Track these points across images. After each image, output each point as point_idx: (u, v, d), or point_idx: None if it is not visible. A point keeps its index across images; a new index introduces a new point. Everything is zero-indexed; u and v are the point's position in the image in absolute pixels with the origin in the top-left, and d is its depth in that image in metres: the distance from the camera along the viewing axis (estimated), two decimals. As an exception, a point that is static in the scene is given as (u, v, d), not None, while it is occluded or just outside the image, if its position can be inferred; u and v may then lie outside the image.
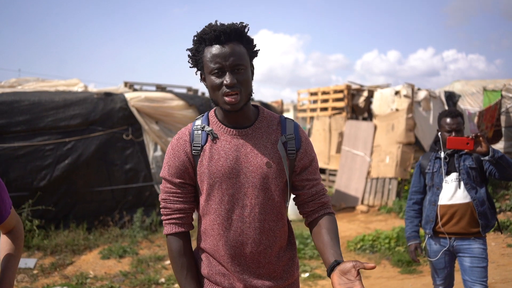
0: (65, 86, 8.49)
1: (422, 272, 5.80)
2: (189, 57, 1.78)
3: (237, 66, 1.67)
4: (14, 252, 1.94)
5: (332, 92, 11.42)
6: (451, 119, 3.31)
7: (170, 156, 1.79)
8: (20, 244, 1.97)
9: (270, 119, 1.83)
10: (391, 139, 9.81)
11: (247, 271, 1.75)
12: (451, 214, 3.29)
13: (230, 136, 1.76)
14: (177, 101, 8.16)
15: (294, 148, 1.79)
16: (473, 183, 3.29)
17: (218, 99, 1.70)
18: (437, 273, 3.42)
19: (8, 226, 1.96)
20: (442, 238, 3.35)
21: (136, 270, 5.97)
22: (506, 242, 6.77)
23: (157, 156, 7.92)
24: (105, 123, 7.53)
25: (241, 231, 1.73)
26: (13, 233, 1.97)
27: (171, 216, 1.79)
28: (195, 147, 1.75)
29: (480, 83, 13.10)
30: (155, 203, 7.86)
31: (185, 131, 1.80)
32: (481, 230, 3.23)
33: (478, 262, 3.22)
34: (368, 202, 9.85)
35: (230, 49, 1.67)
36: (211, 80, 1.69)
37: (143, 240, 7.14)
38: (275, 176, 1.75)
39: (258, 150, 1.75)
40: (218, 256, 1.76)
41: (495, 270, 5.62)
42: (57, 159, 7.03)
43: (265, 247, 1.76)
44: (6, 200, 1.88)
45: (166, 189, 1.79)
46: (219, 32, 1.67)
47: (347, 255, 6.61)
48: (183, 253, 1.78)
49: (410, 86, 10.05)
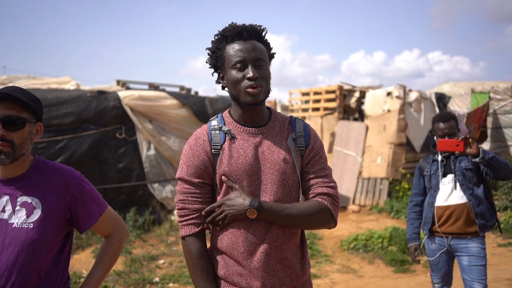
0: (57, 84, 8.42)
1: (416, 272, 5.86)
2: (209, 55, 1.81)
3: (259, 61, 1.73)
4: (104, 260, 1.91)
5: (324, 92, 11.46)
6: (443, 123, 3.39)
7: (188, 156, 1.78)
8: (114, 252, 1.94)
9: (282, 119, 1.88)
10: (383, 139, 9.89)
11: (265, 268, 1.75)
12: (448, 215, 3.35)
13: (247, 135, 1.79)
14: (170, 100, 8.14)
15: (303, 144, 1.84)
16: (469, 184, 3.33)
17: (240, 93, 1.73)
18: (435, 272, 3.48)
19: (102, 232, 1.93)
20: (439, 237, 3.41)
21: (130, 269, 5.95)
22: (496, 242, 6.86)
23: (150, 155, 7.89)
24: (98, 122, 7.49)
25: (260, 227, 1.75)
26: (109, 240, 1.94)
27: (189, 217, 1.78)
28: (215, 146, 1.76)
29: (468, 84, 13.24)
30: (148, 202, 7.83)
31: (202, 131, 1.81)
32: (479, 230, 3.27)
33: (476, 260, 3.25)
34: (359, 202, 9.91)
35: (252, 45, 1.74)
36: (233, 75, 1.73)
37: (136, 240, 7.12)
38: (292, 172, 1.79)
39: (274, 148, 1.78)
40: (236, 254, 1.75)
41: (487, 269, 5.69)
42: (49, 158, 6.95)
43: (282, 243, 1.77)
44: (93, 207, 1.82)
45: (184, 189, 1.78)
46: (242, 29, 1.73)
47: (341, 254, 6.66)
48: (202, 255, 1.77)
49: (402, 87, 10.13)
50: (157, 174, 7.97)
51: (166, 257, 6.51)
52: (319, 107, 11.49)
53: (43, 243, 1.68)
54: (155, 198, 7.90)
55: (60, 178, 1.76)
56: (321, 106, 11.42)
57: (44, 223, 1.69)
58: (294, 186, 1.81)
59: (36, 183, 1.73)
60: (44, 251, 1.69)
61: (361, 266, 6.20)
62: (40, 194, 1.72)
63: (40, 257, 1.68)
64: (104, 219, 1.88)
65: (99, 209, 1.85)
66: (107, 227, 1.92)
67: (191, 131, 8.33)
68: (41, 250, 1.68)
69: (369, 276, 5.83)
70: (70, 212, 1.77)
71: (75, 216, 1.78)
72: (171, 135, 8.08)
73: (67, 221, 1.77)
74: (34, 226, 1.67)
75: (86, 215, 1.80)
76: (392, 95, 9.99)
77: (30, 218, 1.68)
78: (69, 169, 1.81)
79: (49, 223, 1.70)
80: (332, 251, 6.78)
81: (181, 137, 8.21)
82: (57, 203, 1.73)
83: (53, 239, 1.72)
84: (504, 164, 3.17)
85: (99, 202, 1.86)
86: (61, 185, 1.75)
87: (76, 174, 1.81)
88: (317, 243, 7.11)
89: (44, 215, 1.70)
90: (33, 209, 1.69)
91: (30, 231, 1.67)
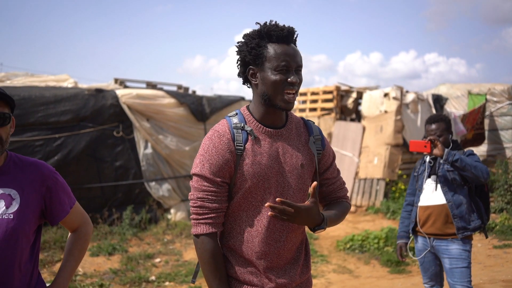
0: (55, 81, 8.40)
1: (411, 272, 5.89)
2: (245, 50, 1.78)
3: (300, 67, 1.77)
4: (74, 253, 1.95)
5: (321, 92, 11.48)
6: (430, 125, 3.44)
7: (212, 154, 1.74)
8: (82, 245, 1.98)
9: (297, 120, 1.91)
10: (380, 140, 9.91)
11: (276, 268, 1.79)
12: (427, 216, 3.39)
13: (267, 136, 1.80)
14: (168, 99, 8.14)
15: (321, 147, 1.89)
16: (450, 185, 3.35)
17: (277, 95, 1.74)
18: (423, 272, 3.53)
19: (71, 226, 1.97)
20: (422, 237, 3.46)
21: (126, 268, 5.95)
22: (492, 243, 6.89)
23: (148, 154, 7.89)
24: (95, 120, 7.48)
25: (276, 229, 1.78)
26: (77, 233, 1.98)
27: (207, 215, 1.75)
28: (238, 146, 1.75)
29: (465, 86, 13.29)
30: (145, 201, 7.83)
31: (224, 129, 1.78)
32: (457, 231, 3.27)
33: (457, 263, 3.26)
34: (356, 202, 9.94)
35: (295, 50, 1.77)
36: (273, 76, 1.73)
37: (132, 238, 7.12)
38: (308, 177, 1.85)
39: (293, 151, 1.82)
40: (251, 253, 1.77)
41: (482, 271, 5.73)
42: (46, 155, 6.96)
43: (292, 244, 1.82)
44: (65, 200, 1.88)
45: (204, 187, 1.74)
46: (288, 32, 1.74)
47: (337, 254, 6.68)
48: (217, 254, 1.76)
49: (399, 88, 10.17)
50: (154, 172, 7.97)
51: (163, 256, 6.52)
52: (316, 107, 11.51)
53: (23, 233, 1.73)
54: (151, 197, 7.90)
55: (36, 171, 1.81)
56: (318, 107, 11.44)
57: (23, 213, 1.74)
58: (307, 191, 1.86)
59: (13, 176, 1.78)
60: (24, 241, 1.75)
61: (357, 266, 6.23)
62: (17, 186, 1.77)
63: (20, 247, 1.73)
64: (74, 212, 1.93)
65: (70, 202, 1.91)
66: (75, 221, 1.96)
67: (189, 130, 8.34)
68: (22, 240, 1.73)
69: (365, 277, 5.85)
70: (45, 204, 1.82)
71: (49, 207, 1.83)
72: (168, 134, 8.08)
73: (41, 213, 1.82)
74: (14, 217, 1.72)
75: (59, 207, 1.85)
76: (389, 96, 10.03)
77: (10, 209, 1.73)
78: (43, 163, 1.87)
79: (28, 214, 1.76)
80: (328, 251, 6.80)
81: (178, 136, 8.21)
82: (34, 195, 1.78)
83: (30, 230, 1.77)
84: (472, 167, 3.16)
85: (70, 196, 1.92)
86: (37, 177, 1.80)
87: (50, 167, 1.87)
88: (313, 243, 7.13)
89: (22, 206, 1.75)
90: (11, 200, 1.74)
91: (10, 221, 1.71)
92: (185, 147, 8.21)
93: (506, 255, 6.38)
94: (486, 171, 3.19)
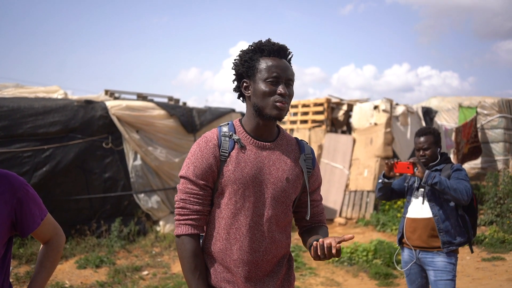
0: (45, 93, 8.38)
1: (400, 285, 5.87)
2: (239, 63, 1.88)
3: (290, 80, 1.84)
4: (46, 265, 1.92)
5: (312, 105, 11.53)
6: (419, 138, 3.49)
7: (197, 158, 1.83)
8: (54, 256, 1.96)
9: (289, 138, 1.98)
10: (370, 152, 9.95)
11: (254, 278, 1.81)
12: (414, 228, 3.42)
13: (255, 147, 1.86)
14: (158, 111, 8.13)
15: (311, 166, 1.96)
16: (437, 200, 3.37)
17: (267, 105, 1.81)
18: (409, 284, 3.55)
19: (42, 238, 1.95)
20: (408, 249, 3.48)
21: (113, 281, 5.89)
22: (480, 256, 6.90)
23: (137, 165, 7.86)
24: (85, 131, 7.45)
25: (255, 238, 1.81)
26: (49, 245, 1.96)
27: (188, 216, 1.82)
28: (223, 152, 1.82)
29: (455, 99, 13.41)
30: (134, 213, 7.78)
31: (213, 136, 1.86)
32: (442, 245, 3.29)
33: (442, 275, 3.27)
34: (346, 214, 9.94)
35: (286, 64, 1.85)
36: (263, 87, 1.81)
37: (120, 250, 7.06)
38: (292, 192, 1.89)
39: (279, 164, 1.87)
40: (229, 260, 1.81)
41: (470, 283, 5.73)
42: (34, 166, 6.92)
43: (272, 257, 1.85)
44: (36, 212, 1.85)
45: (187, 189, 1.82)
46: (279, 48, 1.85)
47: (325, 267, 6.65)
48: (197, 253, 1.81)
49: (389, 101, 10.23)
50: (143, 184, 7.94)
51: (150, 268, 6.47)
52: (307, 120, 11.55)
53: None
54: (140, 209, 7.85)
55: (6, 182, 1.76)
56: (309, 119, 11.48)
57: None
58: (290, 205, 1.91)
59: None
60: None
61: (345, 279, 6.20)
62: None
63: None
64: (45, 224, 1.90)
65: (41, 213, 1.88)
66: (46, 233, 1.93)
67: (178, 141, 8.32)
68: None
69: (353, 289, 5.83)
70: (15, 216, 1.78)
71: (19, 219, 1.80)
72: (158, 146, 8.06)
73: (12, 225, 1.79)
74: None
75: (30, 219, 1.82)
76: (379, 109, 10.09)
77: None
78: (13, 174, 1.82)
79: None
80: (317, 263, 6.77)
81: (168, 147, 8.19)
82: (4, 206, 1.74)
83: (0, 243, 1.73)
84: (452, 189, 3.17)
85: (41, 207, 1.89)
86: (7, 189, 1.76)
87: (20, 178, 1.83)
88: (302, 255, 7.10)
89: None
90: None
91: None
92: (174, 159, 8.19)
93: (494, 267, 6.39)
94: (467, 193, 3.19)
